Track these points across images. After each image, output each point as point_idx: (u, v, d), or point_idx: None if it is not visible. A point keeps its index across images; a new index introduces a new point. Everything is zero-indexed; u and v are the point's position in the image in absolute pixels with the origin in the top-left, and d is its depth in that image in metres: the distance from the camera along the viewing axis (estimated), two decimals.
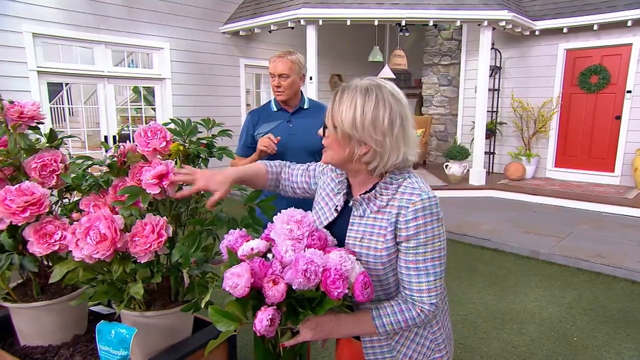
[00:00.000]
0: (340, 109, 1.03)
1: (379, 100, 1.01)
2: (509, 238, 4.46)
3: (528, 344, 2.64)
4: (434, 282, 1.03)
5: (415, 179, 1.08)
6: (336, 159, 1.08)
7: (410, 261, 1.03)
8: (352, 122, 1.01)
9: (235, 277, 0.92)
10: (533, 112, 7.20)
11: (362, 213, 1.09)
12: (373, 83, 1.04)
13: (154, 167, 1.28)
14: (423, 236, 1.01)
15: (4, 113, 1.46)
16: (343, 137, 1.04)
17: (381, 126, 1.00)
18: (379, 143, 1.01)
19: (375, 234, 1.06)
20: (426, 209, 1.02)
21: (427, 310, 1.04)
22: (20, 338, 1.55)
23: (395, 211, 1.03)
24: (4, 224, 1.35)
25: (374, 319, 1.04)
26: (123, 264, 1.28)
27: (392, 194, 1.05)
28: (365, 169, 1.07)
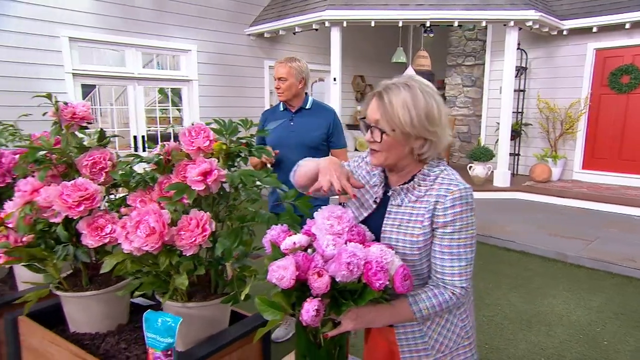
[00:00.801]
0: (394, 112, 1.07)
1: (424, 95, 1.08)
2: (534, 240, 4.41)
3: (556, 346, 2.63)
4: (465, 267, 1.11)
5: (451, 171, 1.15)
6: (392, 159, 1.13)
7: (445, 246, 1.10)
8: (410, 121, 1.07)
9: (282, 270, 0.97)
10: (560, 113, 7.07)
11: (400, 202, 1.15)
12: (410, 80, 1.11)
13: (198, 165, 1.35)
14: (459, 223, 1.09)
15: (59, 114, 1.56)
16: (403, 137, 1.09)
17: (433, 118, 1.08)
18: (434, 134, 1.09)
19: (412, 221, 1.12)
20: (463, 199, 1.09)
21: (458, 293, 1.11)
22: (70, 325, 1.64)
23: (433, 200, 1.10)
24: (60, 217, 1.44)
25: (411, 305, 1.10)
26: (169, 257, 1.35)
27: (430, 185, 1.12)
28: (414, 161, 1.14)
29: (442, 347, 1.19)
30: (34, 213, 1.45)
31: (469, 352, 1.23)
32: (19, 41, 4.81)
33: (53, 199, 1.39)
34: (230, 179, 1.38)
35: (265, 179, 1.45)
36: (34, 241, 1.49)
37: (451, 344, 1.20)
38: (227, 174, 1.38)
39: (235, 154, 1.49)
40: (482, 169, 6.70)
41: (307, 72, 2.56)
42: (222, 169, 1.38)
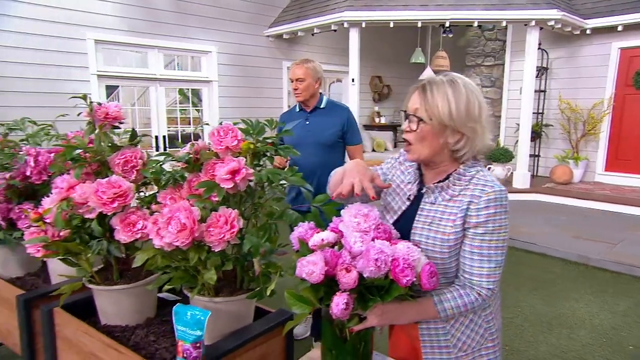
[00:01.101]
0: (434, 102, 1.09)
1: (467, 90, 1.09)
2: (555, 242, 4.35)
3: (578, 350, 2.60)
4: (494, 269, 1.11)
5: (487, 173, 1.15)
6: (427, 151, 1.14)
7: (476, 246, 1.10)
8: (449, 112, 1.08)
9: (311, 265, 1.00)
10: (582, 114, 6.94)
11: (434, 200, 1.16)
12: (454, 77, 1.12)
13: (227, 164, 1.39)
14: (491, 225, 1.09)
15: (93, 114, 1.63)
16: (439, 128, 1.10)
17: (473, 114, 1.09)
18: (471, 130, 1.09)
19: (444, 219, 1.13)
20: (497, 200, 1.09)
21: (484, 294, 1.11)
22: (102, 317, 1.71)
23: (467, 199, 1.11)
24: (94, 213, 1.50)
25: (436, 305, 1.11)
26: (199, 252, 1.39)
27: (465, 185, 1.12)
28: (449, 158, 1.15)
29: (464, 346, 1.20)
30: (70, 209, 1.51)
31: (492, 353, 1.24)
32: (47, 44, 4.97)
33: (88, 195, 1.45)
34: (258, 177, 1.42)
35: (291, 177, 1.49)
36: (69, 236, 1.56)
37: (474, 343, 1.21)
38: (254, 172, 1.42)
39: (262, 153, 1.52)
40: (502, 170, 6.63)
41: (322, 72, 2.66)
42: (249, 167, 1.42)
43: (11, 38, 4.72)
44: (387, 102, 9.30)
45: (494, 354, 1.24)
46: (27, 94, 4.85)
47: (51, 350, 1.76)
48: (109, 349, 1.53)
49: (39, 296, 1.88)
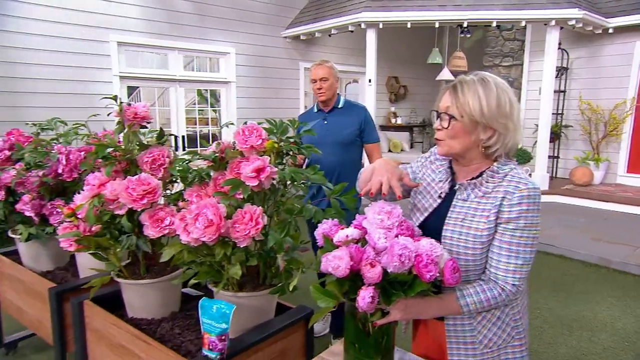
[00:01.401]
0: (465, 99, 1.12)
1: (498, 88, 1.11)
2: (575, 244, 4.30)
3: (600, 353, 2.57)
4: (522, 265, 1.11)
5: (521, 171, 1.16)
6: (459, 147, 1.16)
7: (505, 241, 1.11)
8: (480, 109, 1.10)
9: (337, 260, 1.03)
10: (603, 115, 6.82)
11: (466, 197, 1.17)
12: (485, 75, 1.14)
13: (252, 162, 1.43)
14: (523, 222, 1.09)
15: (122, 114, 1.69)
16: (471, 124, 1.12)
17: (504, 110, 1.10)
18: (503, 126, 1.11)
19: (477, 216, 1.14)
20: (531, 198, 1.10)
21: (508, 290, 1.12)
22: (129, 310, 1.77)
23: (500, 195, 1.12)
24: (124, 210, 1.56)
25: (458, 299, 1.13)
26: (224, 248, 1.44)
27: (499, 182, 1.13)
28: (481, 155, 1.16)
29: (490, 342, 1.21)
30: (101, 205, 1.57)
31: (519, 352, 1.23)
32: (72, 46, 5.11)
33: (119, 192, 1.51)
34: (282, 175, 1.46)
35: (313, 176, 1.53)
36: (100, 231, 1.62)
37: (500, 341, 1.21)
38: (278, 170, 1.46)
39: (285, 152, 1.56)
40: None
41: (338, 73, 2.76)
42: (273, 166, 1.46)
43: (36, 40, 4.87)
44: (403, 103, 9.27)
45: (521, 354, 1.24)
46: (51, 95, 4.99)
47: (81, 340, 1.83)
48: (137, 341, 1.59)
49: (69, 289, 1.96)
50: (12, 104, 4.75)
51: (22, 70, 4.81)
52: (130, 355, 1.63)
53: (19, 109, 4.77)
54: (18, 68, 4.78)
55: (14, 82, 4.76)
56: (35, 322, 2.17)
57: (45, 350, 2.58)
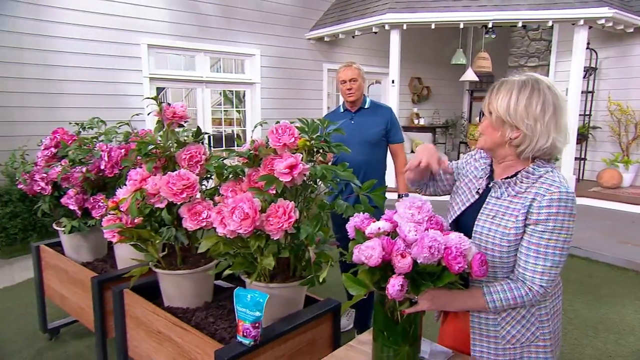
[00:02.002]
0: (497, 97, 1.17)
1: (534, 90, 1.14)
2: (601, 247, 4.23)
3: (627, 356, 2.55)
4: (550, 267, 1.13)
5: (558, 174, 1.17)
6: (489, 142, 1.22)
7: (533, 243, 1.13)
8: (507, 108, 1.15)
9: (370, 250, 1.10)
10: (634, 116, 6.66)
11: (500, 195, 1.21)
12: (531, 77, 1.17)
13: (285, 159, 1.51)
14: (552, 224, 1.11)
15: (162, 114, 1.79)
16: (497, 122, 1.18)
17: (533, 112, 1.12)
18: (529, 127, 1.13)
19: (507, 214, 1.17)
20: (562, 201, 1.11)
21: (535, 290, 1.14)
22: (165, 299, 1.87)
23: (531, 197, 1.14)
24: (164, 203, 1.66)
25: (485, 295, 1.17)
26: (258, 240, 1.52)
27: (532, 183, 1.16)
28: (514, 154, 1.19)
29: (513, 339, 1.23)
30: (142, 199, 1.68)
31: (542, 353, 1.24)
32: (104, 49, 5.32)
33: (161, 186, 1.60)
34: (313, 172, 1.53)
35: (342, 173, 1.59)
36: (141, 223, 1.73)
37: (523, 339, 1.23)
38: (310, 167, 1.53)
39: (316, 150, 1.63)
40: None
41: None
42: (305, 163, 1.53)
43: (71, 44, 5.08)
44: (426, 104, 9.24)
45: (545, 355, 1.24)
46: (85, 96, 5.20)
47: (121, 326, 1.95)
48: (174, 327, 1.68)
49: (110, 278, 2.07)
50: (48, 104, 4.97)
51: (58, 73, 5.03)
52: (167, 341, 1.73)
53: (55, 110, 4.99)
54: (54, 70, 5.00)
55: (50, 83, 4.99)
56: (78, 309, 2.30)
57: (84, 337, 2.72)
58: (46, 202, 2.33)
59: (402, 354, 1.21)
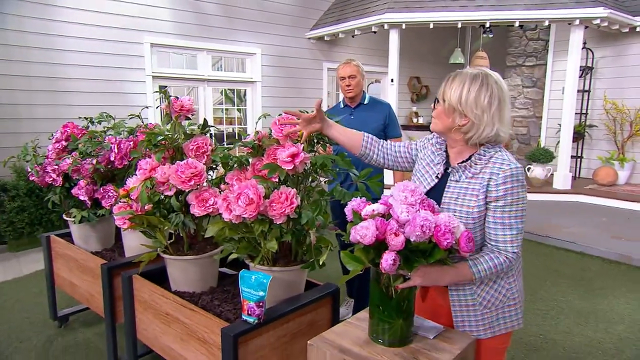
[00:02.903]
0: (451, 87, 1.31)
1: (484, 84, 1.27)
2: (596, 242, 4.33)
3: (615, 342, 2.64)
4: (516, 235, 1.28)
5: (505, 153, 1.32)
6: (440, 126, 1.36)
7: (498, 217, 1.28)
8: (459, 98, 1.28)
9: (364, 229, 1.19)
10: (629, 114, 6.76)
11: (458, 178, 1.35)
12: (482, 72, 1.31)
13: (287, 149, 1.60)
14: (510, 198, 1.26)
15: (170, 107, 1.88)
16: (449, 109, 1.32)
17: (481, 103, 1.27)
18: (477, 117, 1.27)
19: (468, 195, 1.31)
20: (514, 176, 1.26)
21: (510, 257, 1.29)
22: (172, 284, 1.96)
23: (487, 177, 1.28)
24: (172, 191, 1.75)
25: (471, 267, 1.28)
26: (262, 225, 1.61)
27: (485, 164, 1.30)
28: (462, 139, 1.33)
29: (488, 304, 1.37)
30: (152, 187, 1.77)
31: (514, 311, 1.40)
32: (108, 48, 5.41)
33: (170, 175, 1.70)
34: (314, 160, 1.62)
35: (341, 162, 1.69)
36: (151, 210, 1.82)
37: (497, 302, 1.37)
38: (310, 156, 1.63)
39: (317, 141, 1.73)
40: (541, 171, 6.56)
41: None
42: (306, 152, 1.62)
43: (76, 43, 5.17)
44: (425, 103, 9.33)
45: (515, 311, 1.40)
46: (89, 94, 5.29)
47: (130, 311, 2.04)
48: (182, 309, 1.78)
49: (118, 265, 2.17)
50: (54, 102, 5.07)
51: (63, 71, 5.13)
52: (175, 322, 1.82)
53: (60, 107, 5.08)
54: (59, 69, 5.10)
55: (55, 82, 5.08)
56: (87, 295, 2.40)
57: (93, 325, 2.81)
58: (57, 194, 2.42)
59: (396, 327, 1.30)
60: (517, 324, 1.42)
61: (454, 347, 1.31)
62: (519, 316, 1.42)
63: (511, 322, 1.41)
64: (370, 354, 1.28)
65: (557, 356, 2.50)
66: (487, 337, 1.39)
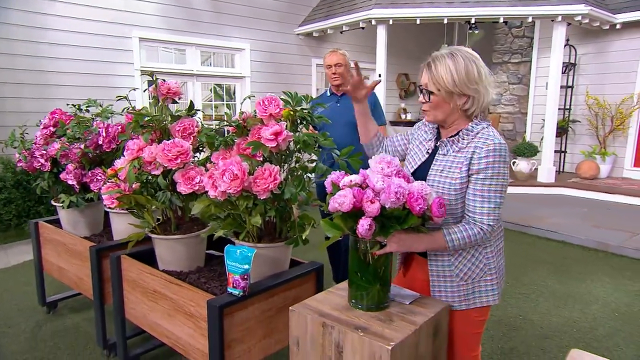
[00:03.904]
0: (439, 74, 1.34)
1: (464, 59, 1.32)
2: (576, 231, 4.45)
3: (590, 321, 2.74)
4: (494, 208, 1.32)
5: (492, 129, 1.36)
6: (442, 115, 1.39)
7: (477, 189, 1.32)
8: (452, 80, 1.32)
9: (342, 197, 1.25)
10: (610, 109, 6.93)
11: (446, 152, 1.40)
12: (453, 49, 1.36)
13: (271, 127, 1.66)
14: (490, 171, 1.30)
15: (157, 89, 1.93)
16: (447, 95, 1.35)
17: (473, 77, 1.32)
18: (474, 90, 1.33)
19: (453, 167, 1.36)
20: (496, 151, 1.29)
21: (485, 229, 1.32)
22: (160, 264, 2.01)
23: (471, 150, 1.33)
24: (159, 170, 1.80)
25: (445, 236, 1.33)
26: (247, 200, 1.67)
27: (471, 139, 1.35)
28: (462, 117, 1.38)
29: (465, 276, 1.42)
30: (140, 167, 1.82)
31: (490, 286, 1.44)
32: (97, 42, 5.41)
33: (157, 153, 1.75)
34: (297, 138, 1.68)
35: (324, 141, 1.75)
36: (138, 189, 1.87)
37: (474, 275, 1.42)
38: (293, 135, 1.69)
39: (300, 121, 1.79)
40: (526, 165, 6.69)
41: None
42: (289, 131, 1.68)
43: (63, 36, 5.17)
44: (413, 99, 9.44)
45: (492, 287, 1.44)
46: (77, 88, 5.28)
47: (118, 291, 2.08)
48: (170, 285, 1.83)
49: (107, 247, 2.21)
50: (40, 95, 5.06)
51: (50, 64, 5.12)
52: (163, 299, 1.87)
53: (47, 100, 5.07)
54: (46, 62, 5.09)
55: (42, 75, 5.07)
56: (76, 279, 2.43)
57: (82, 310, 2.84)
58: (45, 179, 2.45)
59: (373, 293, 1.37)
60: (492, 299, 1.45)
61: (428, 312, 1.38)
62: (495, 292, 1.44)
63: (486, 297, 1.44)
64: (349, 317, 1.34)
65: (535, 335, 2.59)
66: (461, 308, 1.44)
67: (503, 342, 2.51)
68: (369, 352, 1.22)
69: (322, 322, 1.33)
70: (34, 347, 2.42)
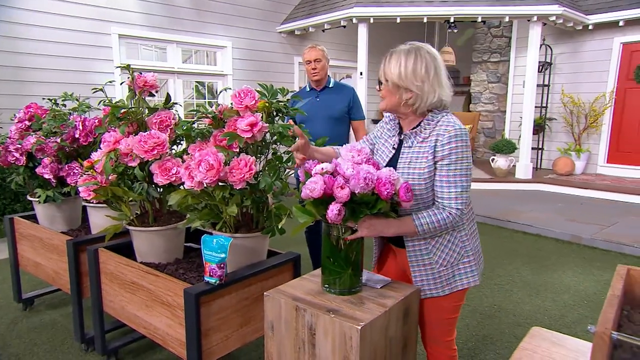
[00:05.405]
0: (389, 67, 1.40)
1: (417, 57, 1.38)
2: (551, 225, 4.58)
3: (560, 309, 2.84)
4: (460, 192, 1.37)
5: (451, 117, 1.42)
6: (389, 104, 1.45)
7: (443, 175, 1.37)
8: (398, 75, 1.38)
9: (313, 184, 1.29)
10: (584, 108, 7.13)
11: (411, 144, 1.45)
12: (413, 46, 1.42)
13: (246, 118, 1.69)
14: (454, 157, 1.35)
15: (134, 82, 1.94)
16: (393, 87, 1.41)
17: (420, 75, 1.37)
18: (419, 88, 1.37)
19: (420, 157, 1.40)
20: (457, 137, 1.35)
21: (454, 213, 1.37)
22: (138, 256, 2.02)
23: (434, 138, 1.38)
24: (136, 162, 1.81)
25: (414, 221, 1.38)
26: (223, 190, 1.70)
27: (433, 128, 1.40)
28: (411, 111, 1.43)
29: (444, 262, 1.47)
30: (116, 159, 1.83)
31: (469, 267, 1.50)
32: (75, 38, 5.34)
33: (133, 145, 1.76)
34: (272, 129, 1.72)
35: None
36: (115, 181, 1.87)
37: (452, 260, 1.47)
38: (269, 126, 1.72)
39: (275, 113, 1.82)
40: (504, 162, 6.84)
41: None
42: (264, 123, 1.71)
43: (40, 32, 5.09)
44: None
45: (470, 268, 1.50)
46: (54, 85, 5.21)
47: (96, 284, 2.09)
48: (147, 275, 1.84)
49: (84, 241, 2.20)
50: (16, 92, 4.97)
51: (27, 60, 5.04)
52: (141, 290, 1.88)
53: (24, 97, 4.98)
54: (23, 58, 5.00)
55: (19, 71, 4.99)
56: (53, 274, 2.41)
57: (59, 307, 2.82)
58: (20, 174, 2.42)
59: (345, 277, 1.41)
60: (472, 280, 1.50)
61: (399, 295, 1.43)
62: (474, 273, 1.50)
63: (467, 279, 1.49)
64: (322, 301, 1.38)
65: (508, 322, 2.68)
66: (445, 294, 1.48)
67: (478, 330, 2.59)
68: (339, 332, 1.26)
69: (296, 306, 1.37)
70: (8, 343, 2.40)
